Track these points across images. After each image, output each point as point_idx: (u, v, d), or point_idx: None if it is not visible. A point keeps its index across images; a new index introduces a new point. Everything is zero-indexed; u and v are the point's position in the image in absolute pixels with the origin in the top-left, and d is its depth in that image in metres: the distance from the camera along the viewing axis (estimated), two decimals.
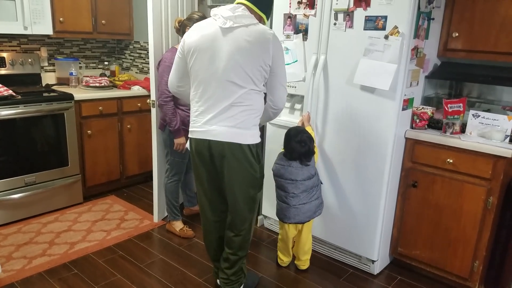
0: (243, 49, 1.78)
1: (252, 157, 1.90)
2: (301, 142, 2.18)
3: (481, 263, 2.19)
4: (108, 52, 3.96)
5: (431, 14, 2.22)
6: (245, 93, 1.83)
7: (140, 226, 2.91)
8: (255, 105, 1.87)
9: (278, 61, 1.86)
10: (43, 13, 3.03)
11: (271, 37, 1.81)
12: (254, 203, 2.00)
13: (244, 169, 1.89)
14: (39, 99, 2.92)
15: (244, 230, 2.03)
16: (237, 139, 1.85)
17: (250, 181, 1.93)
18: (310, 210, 2.26)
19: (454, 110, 2.21)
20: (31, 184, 2.94)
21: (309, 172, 2.23)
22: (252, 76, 1.82)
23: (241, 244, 2.05)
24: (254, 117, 1.89)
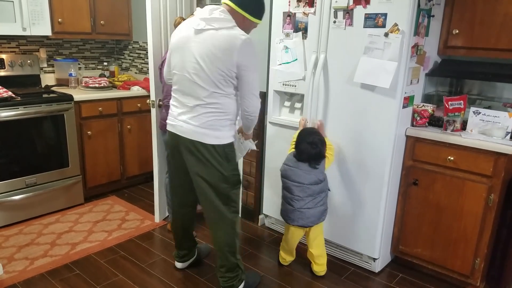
0: (207, 53, 1.82)
1: (218, 156, 1.95)
2: (312, 144, 2.17)
3: (482, 261, 2.18)
4: (107, 53, 3.95)
5: (431, 11, 2.21)
6: (210, 95, 1.88)
7: (141, 227, 2.91)
8: (223, 108, 1.91)
9: (244, 69, 1.83)
10: (41, 14, 3.03)
11: (238, 44, 1.78)
12: (228, 199, 2.03)
13: (210, 166, 1.96)
14: (39, 100, 2.91)
15: (225, 228, 2.06)
16: (200, 138, 1.92)
17: (218, 177, 1.98)
18: (314, 216, 2.24)
19: (454, 107, 2.21)
20: (32, 185, 2.94)
21: (317, 177, 2.20)
22: (215, 80, 1.85)
23: (225, 240, 2.07)
24: (222, 119, 1.92)
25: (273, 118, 2.71)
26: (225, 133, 1.95)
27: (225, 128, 1.95)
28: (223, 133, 1.95)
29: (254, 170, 2.94)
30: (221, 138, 1.94)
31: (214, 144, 1.93)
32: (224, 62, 1.81)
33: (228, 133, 1.97)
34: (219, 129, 1.93)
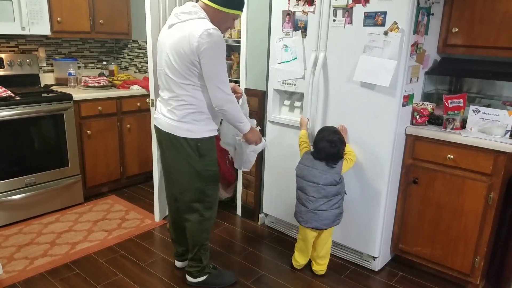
0: (174, 46, 1.87)
1: (191, 150, 1.97)
2: (332, 143, 2.16)
3: (482, 259, 2.19)
4: (107, 52, 3.95)
5: (431, 9, 2.21)
6: (180, 87, 1.92)
7: (141, 226, 2.91)
8: (194, 101, 1.93)
9: (206, 60, 1.83)
10: (40, 13, 3.02)
11: (198, 34, 1.79)
12: (202, 195, 2.06)
13: (183, 160, 2.00)
14: (38, 99, 2.91)
15: (194, 221, 2.11)
16: (173, 131, 1.97)
17: (190, 172, 2.02)
18: (328, 219, 2.22)
19: (454, 105, 2.20)
20: (31, 185, 2.94)
21: (332, 177, 2.18)
22: (182, 71, 1.88)
23: (193, 233, 2.14)
24: (194, 112, 1.94)
25: (273, 117, 2.71)
26: (199, 127, 1.96)
27: (199, 122, 1.96)
28: (197, 127, 1.96)
29: (254, 169, 2.94)
30: (194, 132, 1.96)
31: (186, 137, 1.96)
32: (186, 52, 1.83)
33: (203, 128, 1.98)
34: (191, 123, 1.95)
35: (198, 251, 2.17)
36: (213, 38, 1.81)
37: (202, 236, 2.15)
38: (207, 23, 1.84)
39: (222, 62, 1.89)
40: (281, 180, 2.74)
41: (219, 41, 1.83)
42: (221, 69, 1.88)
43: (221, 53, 1.86)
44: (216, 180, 2.10)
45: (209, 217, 2.13)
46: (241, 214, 3.13)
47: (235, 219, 3.10)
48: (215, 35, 1.81)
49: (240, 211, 3.14)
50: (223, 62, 1.90)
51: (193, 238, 2.16)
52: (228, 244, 2.73)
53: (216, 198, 2.16)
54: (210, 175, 2.05)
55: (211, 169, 2.05)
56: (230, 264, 2.49)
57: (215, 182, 2.10)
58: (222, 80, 1.88)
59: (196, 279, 2.22)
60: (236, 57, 3.18)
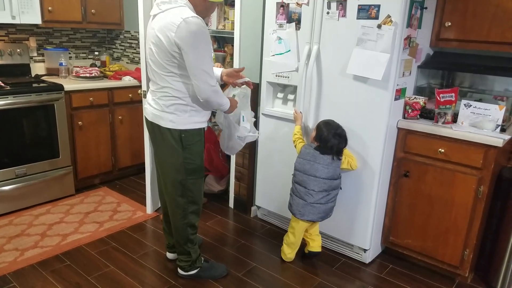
0: (154, 36, 1.85)
1: (173, 140, 1.96)
2: (340, 137, 2.18)
3: (471, 252, 2.22)
4: (99, 42, 3.90)
5: (424, 3, 2.21)
6: (162, 78, 1.90)
7: (133, 218, 2.90)
8: (176, 92, 1.90)
9: (185, 49, 1.77)
10: (31, 2, 2.97)
11: (177, 23, 1.74)
12: (184, 189, 2.05)
13: (166, 151, 2.00)
14: (29, 90, 2.87)
15: (177, 214, 2.11)
16: (157, 121, 1.97)
17: (173, 164, 2.01)
18: (324, 212, 2.26)
19: (446, 100, 2.21)
20: (22, 176, 2.91)
21: (334, 171, 2.20)
22: (164, 63, 1.86)
23: (177, 227, 2.14)
24: (178, 104, 1.92)
25: (266, 110, 2.71)
26: (182, 118, 1.94)
27: (183, 114, 1.93)
28: (180, 118, 1.94)
29: (247, 161, 2.94)
30: (177, 123, 1.94)
31: (169, 128, 1.95)
32: (165, 43, 1.80)
33: (188, 119, 1.95)
34: (175, 113, 1.93)
35: (185, 245, 2.16)
36: (191, 26, 1.74)
37: (187, 231, 2.13)
38: (186, 11, 1.78)
39: (203, 51, 1.80)
40: (274, 172, 2.75)
41: (198, 29, 1.76)
42: (202, 59, 1.80)
43: (201, 42, 1.78)
44: (200, 174, 2.07)
45: (193, 211, 2.11)
46: (234, 207, 3.14)
47: (228, 211, 3.10)
48: (194, 23, 1.75)
49: (232, 203, 3.14)
50: (205, 51, 1.81)
51: (178, 232, 2.15)
52: (220, 237, 2.73)
53: (200, 192, 2.13)
54: (193, 168, 2.03)
55: (194, 162, 2.02)
56: (222, 257, 2.50)
57: (198, 175, 2.07)
58: (204, 70, 1.81)
59: (187, 273, 2.23)
60: (230, 49, 3.16)
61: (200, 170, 2.08)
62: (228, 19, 3.14)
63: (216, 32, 3.25)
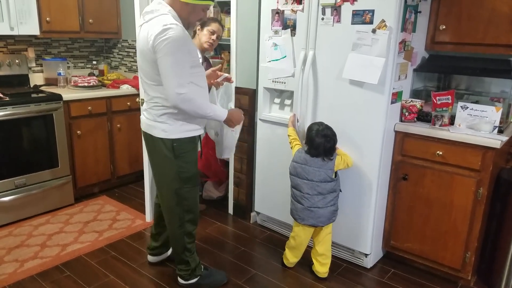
0: (140, 47, 1.87)
1: (167, 150, 1.96)
2: (326, 137, 2.16)
3: (473, 254, 2.20)
4: (96, 51, 3.92)
5: (418, 7, 2.22)
6: (151, 88, 1.91)
7: (132, 226, 2.90)
8: (165, 101, 1.89)
9: (160, 56, 1.75)
10: (29, 13, 2.99)
11: (156, 32, 1.73)
12: (179, 198, 2.04)
13: (160, 161, 2.01)
14: (27, 100, 2.88)
15: (173, 224, 2.11)
16: (150, 130, 1.99)
17: (167, 173, 2.01)
18: (324, 216, 2.23)
19: (442, 102, 2.22)
20: (21, 186, 2.91)
21: (326, 174, 2.18)
22: (151, 73, 1.86)
23: (174, 236, 2.14)
24: (168, 113, 1.92)
25: (263, 115, 2.71)
26: (174, 127, 1.93)
27: (175, 123, 1.93)
28: (172, 127, 1.93)
29: (245, 167, 2.94)
30: (169, 132, 1.94)
31: (162, 138, 1.95)
32: (148, 52, 1.80)
33: (180, 128, 1.94)
34: (166, 122, 1.93)
35: (182, 254, 2.15)
36: (168, 33, 1.73)
37: (183, 239, 2.12)
38: (166, 19, 1.77)
39: (177, 58, 1.76)
40: (272, 178, 2.75)
41: (175, 36, 1.73)
42: (174, 65, 1.76)
43: (177, 49, 1.75)
44: (194, 182, 2.06)
45: (189, 220, 2.10)
46: (233, 213, 3.13)
47: (227, 217, 3.10)
48: (172, 29, 1.73)
49: (232, 209, 3.14)
50: (179, 58, 1.77)
51: (175, 241, 2.15)
52: (220, 244, 2.73)
53: (196, 201, 2.12)
54: (187, 176, 2.02)
55: (188, 170, 2.01)
56: (222, 264, 2.49)
57: (193, 184, 2.06)
58: (173, 77, 1.77)
59: (187, 281, 2.21)
60: (227, 55, 3.18)
61: (195, 178, 2.07)
62: (224, 26, 3.16)
63: None
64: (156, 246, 2.39)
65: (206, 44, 2.65)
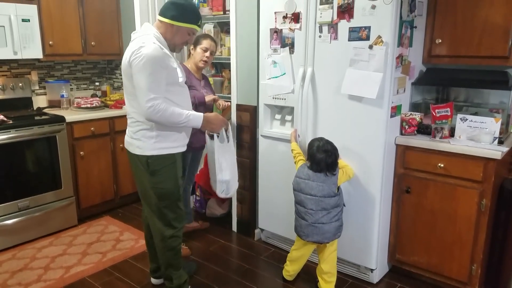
0: (122, 65, 1.95)
1: (142, 166, 2.01)
2: (327, 152, 2.17)
3: (479, 266, 2.18)
4: (99, 73, 3.98)
5: (414, 22, 2.26)
6: (131, 105, 1.98)
7: (136, 247, 2.88)
8: (140, 116, 1.94)
9: (134, 72, 1.84)
10: (32, 37, 3.06)
11: (134, 50, 1.84)
12: (159, 212, 2.07)
13: (138, 176, 2.08)
14: (31, 123, 2.92)
15: (156, 238, 2.14)
16: (128, 147, 2.07)
17: (145, 189, 2.07)
18: (329, 232, 2.20)
19: (442, 114, 2.24)
20: (24, 208, 2.91)
21: (330, 189, 2.18)
22: (128, 86, 1.95)
23: (158, 250, 2.17)
24: (143, 130, 1.97)
25: (264, 131, 2.73)
26: (148, 144, 1.97)
27: (149, 140, 1.96)
28: (146, 144, 1.97)
29: (248, 183, 2.95)
30: (143, 149, 1.98)
31: (138, 154, 1.99)
32: (127, 69, 1.90)
33: (154, 145, 1.97)
34: (141, 139, 1.97)
35: (167, 270, 2.17)
36: (143, 51, 1.81)
37: (167, 255, 2.13)
38: (146, 39, 1.86)
39: (148, 73, 1.82)
40: (275, 193, 2.74)
41: (150, 54, 1.80)
42: (145, 80, 1.82)
43: (147, 65, 1.81)
44: (172, 199, 2.06)
45: (171, 236, 2.10)
46: (237, 230, 3.12)
47: (231, 235, 3.08)
48: (148, 48, 1.81)
49: (235, 227, 3.13)
50: (150, 73, 1.82)
51: (160, 256, 2.18)
52: (224, 262, 2.71)
53: (178, 216, 2.12)
54: (163, 193, 2.03)
55: (164, 187, 2.03)
56: (226, 283, 2.47)
57: (171, 200, 2.06)
58: (142, 91, 1.83)
59: None
60: (227, 73, 3.23)
61: (172, 195, 2.06)
62: (224, 45, 3.22)
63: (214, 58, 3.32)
64: (156, 268, 2.36)
65: (201, 63, 2.65)
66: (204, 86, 2.77)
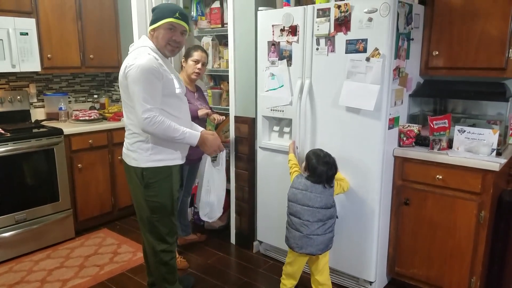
0: (119, 76, 1.97)
1: (137, 178, 2.00)
2: (328, 165, 2.16)
3: (478, 279, 2.17)
4: (97, 85, 3.99)
5: (410, 34, 2.28)
6: (128, 117, 2.00)
7: (133, 259, 2.86)
8: (136, 128, 1.95)
9: (128, 83, 1.87)
10: (31, 50, 3.07)
11: (130, 59, 1.88)
12: (151, 226, 2.05)
13: (133, 188, 2.07)
14: (28, 135, 2.91)
15: (149, 251, 2.13)
16: (124, 158, 2.08)
17: (139, 201, 2.06)
18: (323, 243, 2.19)
19: (439, 126, 2.24)
20: (22, 221, 2.90)
21: (327, 200, 2.17)
22: (127, 99, 1.96)
23: (151, 264, 2.16)
24: (139, 141, 1.98)
25: (263, 143, 2.73)
26: (144, 156, 1.97)
27: (144, 152, 1.97)
28: (142, 156, 1.97)
29: (247, 195, 2.93)
30: (139, 161, 1.98)
31: (134, 166, 2.00)
32: (123, 82, 1.92)
33: (149, 157, 1.97)
34: (137, 151, 1.98)
35: (161, 284, 2.15)
36: (137, 62, 1.84)
37: (160, 269, 2.11)
38: (141, 51, 1.90)
39: (143, 84, 1.83)
40: (274, 205, 2.73)
41: (142, 65, 1.83)
42: (141, 91, 1.84)
43: (141, 76, 1.83)
44: (165, 213, 2.05)
45: (163, 250, 2.08)
46: (236, 242, 3.10)
47: (230, 247, 3.06)
48: (142, 59, 1.85)
49: (234, 239, 3.11)
50: (145, 85, 1.84)
51: (154, 270, 2.16)
52: (222, 275, 2.68)
53: (170, 231, 2.10)
54: (156, 206, 2.02)
55: (157, 200, 2.01)
56: None
57: (164, 214, 2.05)
58: (139, 102, 1.84)
59: None
60: (226, 85, 3.24)
61: (165, 209, 2.05)
62: (223, 58, 3.24)
63: (212, 70, 3.34)
64: (154, 281, 2.31)
65: (193, 75, 2.65)
66: (198, 98, 2.76)
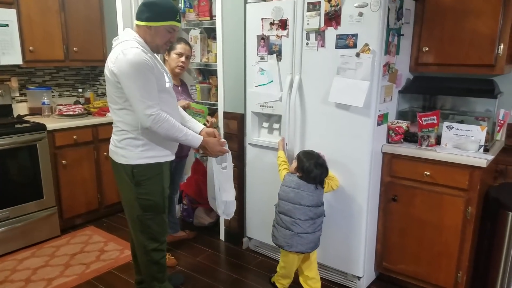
0: (105, 73, 1.90)
1: (127, 176, 1.95)
2: (322, 167, 2.17)
3: (464, 274, 2.19)
4: (82, 79, 3.89)
5: (401, 30, 2.27)
6: (116, 114, 1.92)
7: (120, 257, 2.82)
8: (126, 125, 1.90)
9: (122, 81, 1.79)
10: (11, 43, 2.97)
11: (115, 57, 1.79)
12: (142, 225, 2.01)
13: (122, 186, 2.00)
14: (10, 131, 2.83)
15: (140, 251, 2.08)
16: (112, 156, 2.00)
17: (129, 199, 1.99)
18: (313, 242, 2.21)
19: (428, 123, 2.24)
20: (4, 219, 2.82)
21: (318, 199, 2.18)
22: (114, 96, 1.88)
23: (142, 264, 2.11)
24: (129, 138, 1.91)
25: (252, 140, 2.71)
26: (134, 153, 1.91)
27: (134, 149, 1.91)
28: (132, 153, 1.91)
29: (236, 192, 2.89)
30: (128, 158, 1.92)
31: (123, 164, 1.93)
32: (110, 76, 1.84)
33: (139, 154, 1.91)
34: (126, 148, 1.91)
35: (151, 283, 2.11)
36: (127, 56, 1.76)
37: (151, 269, 2.08)
38: (127, 44, 1.80)
39: (140, 80, 1.78)
40: (263, 202, 2.72)
41: (133, 59, 1.76)
42: (139, 88, 1.78)
43: (136, 71, 1.77)
44: (157, 211, 2.01)
45: (154, 249, 2.05)
46: (225, 239, 3.08)
47: (219, 244, 3.04)
48: (131, 53, 1.77)
49: (223, 236, 3.09)
50: (142, 80, 1.78)
51: (144, 269, 2.12)
52: (212, 272, 2.66)
53: (162, 229, 2.06)
54: (148, 204, 1.98)
55: (149, 198, 1.97)
56: None
57: (156, 212, 2.01)
58: (139, 99, 1.78)
59: None
60: (215, 80, 3.19)
61: (158, 207, 2.01)
62: (211, 51, 3.18)
63: (201, 64, 3.28)
64: (141, 280, 2.28)
65: (177, 68, 2.56)
66: (182, 92, 2.71)
